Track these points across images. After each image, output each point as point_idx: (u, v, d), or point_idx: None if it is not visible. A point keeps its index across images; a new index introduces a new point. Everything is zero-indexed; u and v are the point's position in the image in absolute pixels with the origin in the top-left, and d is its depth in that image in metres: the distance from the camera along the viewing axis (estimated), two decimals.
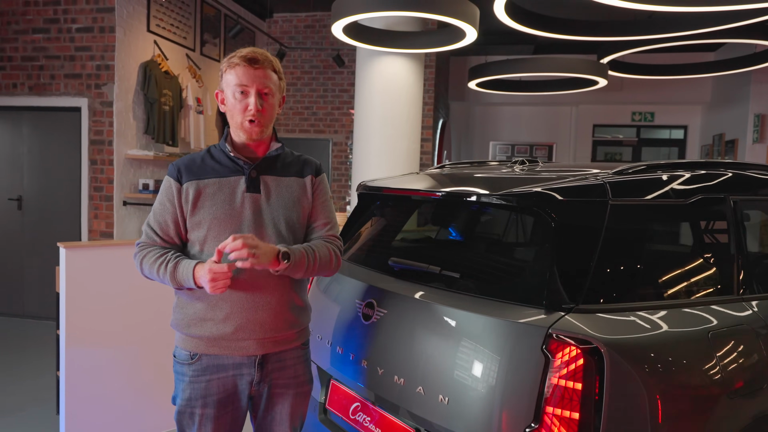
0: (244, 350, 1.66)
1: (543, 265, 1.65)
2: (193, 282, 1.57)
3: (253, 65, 1.62)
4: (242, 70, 1.62)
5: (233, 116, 1.66)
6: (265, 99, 1.65)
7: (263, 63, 1.64)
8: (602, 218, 1.68)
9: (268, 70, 1.65)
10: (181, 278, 1.60)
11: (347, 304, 2.07)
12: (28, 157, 5.42)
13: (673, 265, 1.77)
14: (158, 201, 1.70)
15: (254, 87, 1.62)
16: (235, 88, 1.63)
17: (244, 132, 1.65)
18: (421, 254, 2.12)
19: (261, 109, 1.63)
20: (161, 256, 1.64)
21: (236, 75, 1.63)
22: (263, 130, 1.66)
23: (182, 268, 1.60)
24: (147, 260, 1.66)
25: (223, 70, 1.67)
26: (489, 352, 1.58)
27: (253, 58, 1.63)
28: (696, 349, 1.60)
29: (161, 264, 1.62)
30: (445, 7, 3.56)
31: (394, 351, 1.81)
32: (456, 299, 1.74)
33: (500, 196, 1.76)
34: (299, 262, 1.62)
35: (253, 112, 1.62)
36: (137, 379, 3.02)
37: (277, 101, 1.70)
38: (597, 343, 1.47)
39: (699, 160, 2.06)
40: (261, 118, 1.64)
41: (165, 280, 1.63)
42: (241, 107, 1.63)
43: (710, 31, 4.55)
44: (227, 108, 1.68)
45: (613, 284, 1.65)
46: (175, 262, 1.61)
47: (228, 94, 1.66)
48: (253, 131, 1.64)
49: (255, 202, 1.66)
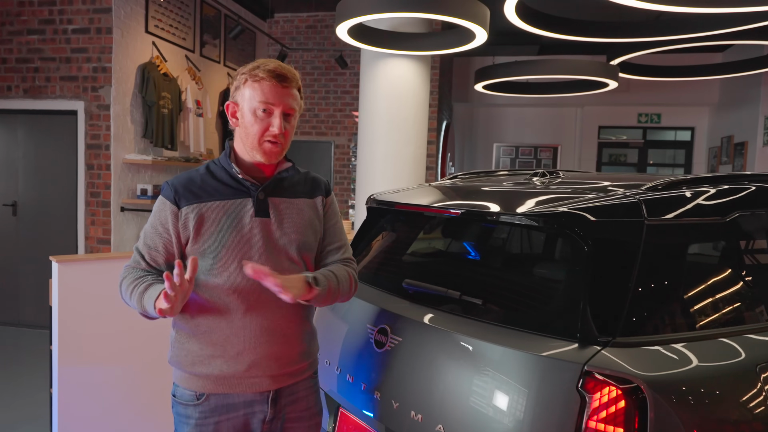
0: (257, 386, 1.52)
1: (575, 293, 1.51)
2: (153, 308, 1.37)
3: (281, 83, 1.46)
4: (269, 87, 1.45)
5: (249, 135, 1.48)
6: (289, 120, 1.50)
7: (291, 82, 1.49)
8: (638, 239, 1.54)
9: (294, 90, 1.50)
10: (146, 303, 1.41)
11: (358, 328, 1.93)
12: (23, 162, 5.28)
13: (715, 290, 1.63)
14: (150, 223, 1.53)
15: (280, 107, 1.46)
16: (258, 105, 1.46)
17: (262, 154, 1.48)
18: (436, 275, 1.98)
19: (285, 131, 1.48)
20: (137, 279, 1.48)
21: (262, 91, 1.45)
22: (282, 152, 1.52)
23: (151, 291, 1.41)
24: (125, 283, 1.50)
25: (242, 83, 1.49)
26: (516, 390, 1.44)
27: (282, 75, 1.46)
28: (746, 385, 1.46)
29: (135, 287, 1.45)
30: (456, 8, 3.41)
31: (410, 383, 1.67)
32: (479, 328, 1.60)
33: (526, 216, 1.62)
34: (327, 289, 1.50)
35: (276, 133, 1.46)
36: (135, 400, 2.88)
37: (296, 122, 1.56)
38: (638, 382, 1.33)
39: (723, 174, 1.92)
40: (284, 140, 1.49)
41: (133, 304, 1.46)
42: (261, 127, 1.46)
43: (722, 33, 4.43)
44: (243, 124, 1.50)
45: (652, 313, 1.51)
46: (147, 284, 1.44)
47: (245, 110, 1.48)
48: (273, 153, 1.49)
49: (265, 227, 1.51)
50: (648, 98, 8.94)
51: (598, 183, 2.08)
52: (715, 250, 1.72)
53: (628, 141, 9.75)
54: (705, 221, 1.71)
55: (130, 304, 1.49)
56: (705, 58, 7.95)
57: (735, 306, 1.65)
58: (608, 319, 1.45)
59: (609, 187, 1.92)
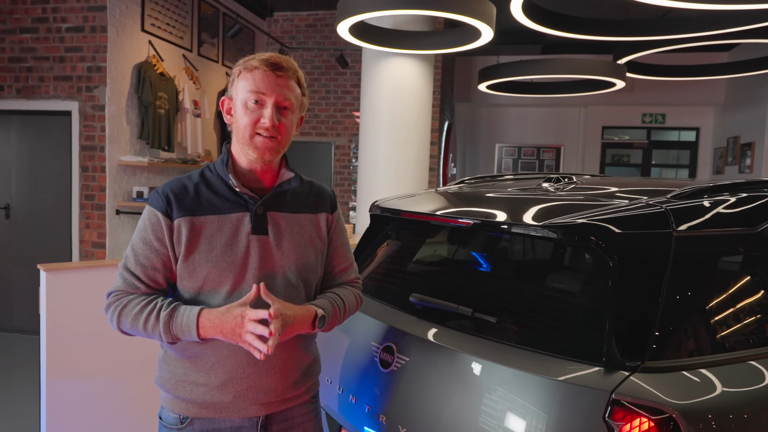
0: (245, 412, 1.39)
1: (599, 312, 1.39)
2: (197, 332, 1.27)
3: (275, 71, 1.33)
4: (261, 76, 1.32)
5: (240, 129, 1.35)
6: (284, 114, 1.35)
7: (288, 71, 1.35)
8: (667, 253, 1.42)
9: (292, 81, 1.36)
10: (179, 328, 1.28)
11: (361, 344, 1.81)
12: (16, 163, 5.15)
13: (750, 308, 1.51)
14: (140, 239, 1.36)
15: (273, 97, 1.32)
16: (249, 95, 1.32)
17: (254, 149, 1.34)
18: (445, 289, 1.86)
19: (278, 124, 1.33)
20: (149, 303, 1.31)
21: (253, 80, 1.32)
22: (278, 150, 1.36)
23: (182, 314, 1.28)
24: (128, 311, 1.32)
25: (236, 75, 1.36)
26: (534, 419, 1.32)
27: (276, 63, 1.33)
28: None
29: (150, 312, 1.30)
30: (462, 6, 3.29)
31: (419, 409, 1.54)
32: (492, 349, 1.48)
33: (545, 227, 1.50)
34: (331, 322, 1.41)
35: (267, 125, 1.31)
36: (126, 416, 2.76)
37: (296, 120, 1.40)
38: (671, 412, 1.21)
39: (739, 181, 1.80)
40: (279, 136, 1.34)
41: (154, 334, 1.31)
42: (251, 119, 1.32)
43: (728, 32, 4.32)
44: (234, 119, 1.36)
45: (684, 334, 1.38)
46: (171, 308, 1.30)
47: (237, 103, 1.35)
48: (267, 149, 1.33)
49: (262, 246, 1.36)
50: (652, 98, 8.82)
51: (616, 189, 1.96)
52: (746, 263, 1.60)
53: (632, 141, 9.62)
54: (735, 232, 1.59)
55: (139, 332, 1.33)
56: (711, 58, 7.83)
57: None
58: (636, 340, 1.33)
59: (629, 194, 1.80)
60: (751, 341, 1.48)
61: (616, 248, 1.41)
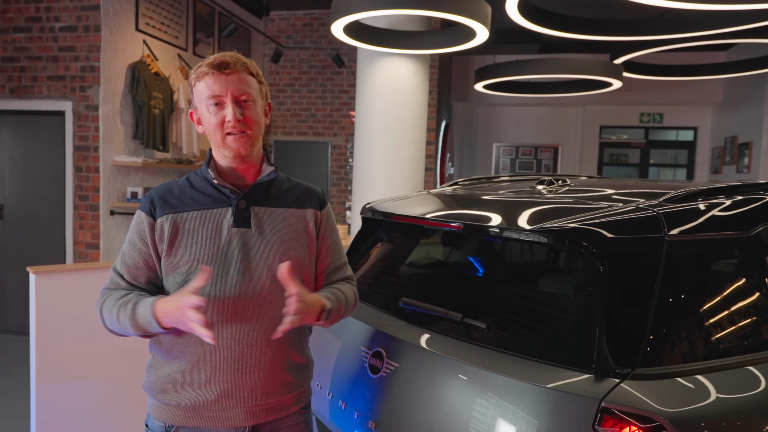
0: (230, 421, 1.37)
1: (589, 318, 1.37)
2: (156, 322, 1.26)
3: (223, 71, 1.34)
4: (212, 79, 1.34)
5: (211, 135, 1.38)
6: (246, 107, 1.37)
7: (235, 66, 1.36)
8: (659, 258, 1.40)
9: (243, 74, 1.37)
10: (142, 318, 1.28)
11: (351, 349, 1.79)
12: (9, 164, 5.12)
13: (743, 313, 1.49)
14: (128, 240, 1.41)
15: (228, 95, 1.35)
16: (208, 101, 1.36)
17: (228, 149, 1.36)
18: (435, 294, 1.84)
19: (242, 118, 1.35)
20: (122, 298, 1.34)
21: (206, 85, 1.35)
22: (252, 143, 1.38)
23: (142, 305, 1.29)
24: (107, 307, 1.36)
25: (192, 84, 1.39)
26: (523, 426, 1.29)
27: (222, 62, 1.34)
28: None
29: (122, 306, 1.32)
30: (456, 6, 3.26)
31: (408, 416, 1.52)
32: (482, 355, 1.46)
33: (534, 231, 1.47)
34: (334, 317, 1.41)
35: (231, 122, 1.34)
36: (116, 419, 2.73)
37: (261, 109, 1.41)
38: (661, 420, 1.19)
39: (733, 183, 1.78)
40: (248, 129, 1.36)
41: (127, 329, 1.32)
42: (217, 121, 1.36)
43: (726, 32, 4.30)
44: (204, 127, 1.40)
45: (675, 340, 1.36)
46: (136, 301, 1.31)
47: (202, 110, 1.39)
48: (241, 144, 1.35)
49: (244, 238, 1.37)
50: (650, 98, 8.80)
51: (609, 192, 1.94)
52: (739, 267, 1.58)
53: (630, 141, 9.60)
54: (728, 236, 1.57)
55: (118, 329, 1.36)
56: (708, 57, 7.81)
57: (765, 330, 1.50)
58: (627, 347, 1.31)
59: (621, 197, 1.78)
60: (745, 346, 1.46)
61: (607, 253, 1.39)
